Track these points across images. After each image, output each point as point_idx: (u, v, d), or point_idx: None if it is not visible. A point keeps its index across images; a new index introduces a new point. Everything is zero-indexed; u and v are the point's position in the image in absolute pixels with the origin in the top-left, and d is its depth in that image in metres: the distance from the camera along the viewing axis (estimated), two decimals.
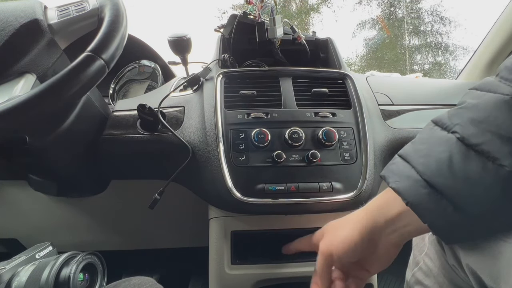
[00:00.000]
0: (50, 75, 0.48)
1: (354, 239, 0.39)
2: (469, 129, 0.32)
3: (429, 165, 0.33)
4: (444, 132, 0.34)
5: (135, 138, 0.62)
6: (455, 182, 0.31)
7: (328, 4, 9.21)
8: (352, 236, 0.39)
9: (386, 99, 0.73)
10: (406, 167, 0.35)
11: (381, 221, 0.37)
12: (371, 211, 0.39)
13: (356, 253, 0.39)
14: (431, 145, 0.34)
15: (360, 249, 0.39)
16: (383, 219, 0.37)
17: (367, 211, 0.39)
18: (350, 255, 0.40)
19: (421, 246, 0.49)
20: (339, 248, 0.40)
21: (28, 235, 0.86)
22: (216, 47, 0.77)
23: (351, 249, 0.39)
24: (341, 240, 0.40)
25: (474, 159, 0.31)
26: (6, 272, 0.38)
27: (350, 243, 0.39)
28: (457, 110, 0.35)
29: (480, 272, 0.36)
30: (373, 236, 0.38)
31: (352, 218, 0.41)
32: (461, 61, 8.16)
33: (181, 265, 1.03)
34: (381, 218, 0.37)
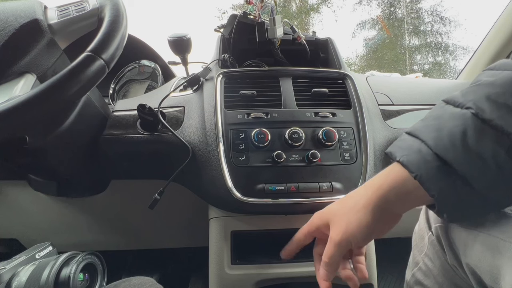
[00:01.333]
0: (50, 75, 0.48)
1: (370, 222, 0.37)
2: (484, 104, 0.32)
3: (441, 139, 0.33)
4: (457, 109, 0.34)
5: (135, 138, 0.62)
6: (467, 156, 0.31)
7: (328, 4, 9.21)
8: (367, 219, 0.37)
9: (386, 99, 0.73)
10: (416, 142, 0.35)
11: (393, 199, 0.36)
12: (382, 189, 0.37)
13: (373, 235, 0.39)
14: (444, 120, 0.34)
15: (376, 230, 0.38)
16: (395, 196, 0.36)
17: (377, 190, 0.37)
18: (368, 238, 0.39)
19: (420, 246, 0.49)
20: (357, 235, 0.38)
21: (28, 235, 0.86)
22: (216, 47, 0.77)
23: (369, 233, 0.38)
24: (357, 226, 0.38)
25: (489, 134, 0.31)
26: (6, 272, 0.38)
27: (367, 227, 0.37)
28: (471, 88, 0.35)
29: (480, 271, 0.36)
30: (385, 213, 0.37)
31: (359, 200, 0.38)
32: (461, 61, 8.17)
33: (181, 265, 1.03)
34: (393, 196, 0.36)
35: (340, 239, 0.38)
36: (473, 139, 0.31)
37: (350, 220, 0.38)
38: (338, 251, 0.39)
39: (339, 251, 0.39)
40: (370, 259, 0.61)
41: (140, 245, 0.95)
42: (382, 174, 0.38)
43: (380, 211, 0.37)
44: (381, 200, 0.37)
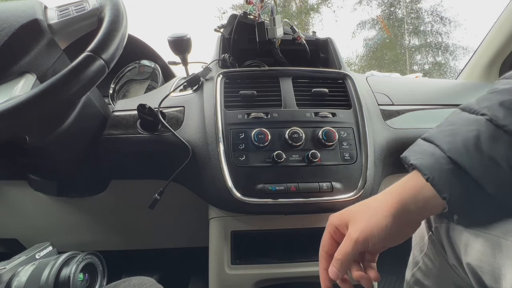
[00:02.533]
0: (50, 75, 0.48)
1: (389, 225, 0.37)
2: (498, 111, 0.33)
3: (455, 143, 0.34)
4: (472, 115, 0.35)
5: (135, 138, 0.62)
6: (480, 160, 0.32)
7: (328, 4, 9.22)
8: (387, 222, 0.37)
9: (386, 99, 0.73)
10: (430, 146, 0.36)
11: (412, 207, 0.37)
12: (402, 198, 0.37)
13: (391, 239, 0.39)
14: (459, 125, 0.35)
15: (395, 234, 0.38)
16: (414, 205, 0.37)
17: (396, 197, 0.38)
18: (386, 241, 0.39)
19: (420, 246, 0.49)
20: (376, 235, 0.38)
21: (28, 235, 0.86)
22: (216, 47, 0.77)
23: (388, 236, 0.38)
24: (376, 226, 0.38)
25: (502, 138, 0.31)
26: (6, 272, 0.38)
27: (386, 229, 0.37)
28: (487, 95, 0.36)
29: (480, 271, 0.36)
30: (404, 220, 0.38)
31: (379, 205, 0.39)
32: (461, 61, 8.17)
33: (181, 265, 1.03)
34: (412, 205, 0.37)
35: (358, 236, 0.38)
36: (487, 143, 0.32)
37: (370, 220, 0.38)
38: (354, 248, 0.38)
39: (355, 249, 0.38)
40: None
41: (140, 245, 0.95)
42: (401, 183, 0.39)
43: (399, 217, 0.37)
44: (400, 209, 0.37)
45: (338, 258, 0.40)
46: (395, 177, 0.71)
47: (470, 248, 0.37)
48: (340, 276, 0.40)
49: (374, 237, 0.38)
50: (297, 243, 0.62)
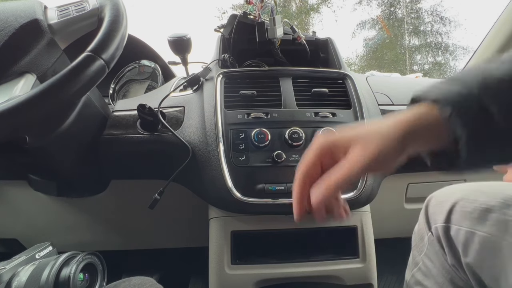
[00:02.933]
0: (50, 75, 0.48)
1: (394, 152, 0.35)
2: None
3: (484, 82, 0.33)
4: None
5: (135, 138, 0.62)
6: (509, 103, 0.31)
7: (328, 4, 9.21)
8: (394, 149, 0.35)
9: (386, 99, 0.73)
10: (455, 84, 0.35)
11: (418, 139, 0.36)
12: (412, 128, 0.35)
13: (386, 165, 0.36)
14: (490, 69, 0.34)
15: (392, 161, 0.36)
16: (421, 138, 0.36)
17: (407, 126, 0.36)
18: (382, 167, 0.37)
19: (420, 247, 0.50)
20: (380, 160, 0.35)
21: (28, 235, 0.85)
22: (216, 47, 0.77)
23: (387, 161, 0.36)
24: (383, 151, 0.35)
25: None
26: (6, 272, 0.38)
27: (389, 156, 0.36)
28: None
29: (480, 271, 0.36)
30: (405, 148, 0.36)
31: (388, 131, 0.36)
32: (461, 61, 8.16)
33: (181, 265, 1.03)
34: (419, 137, 0.36)
35: (365, 160, 0.35)
36: None
37: (379, 144, 0.36)
38: (358, 173, 0.35)
39: (359, 173, 0.35)
40: (370, 259, 0.61)
41: (140, 245, 0.95)
42: (412, 113, 0.36)
43: (403, 146, 0.35)
44: (408, 138, 0.35)
45: (334, 182, 0.35)
46: (395, 177, 0.71)
47: (470, 249, 0.37)
48: (322, 203, 0.36)
49: (379, 162, 0.35)
50: (297, 243, 0.62)
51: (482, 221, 0.37)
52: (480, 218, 0.38)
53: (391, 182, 0.70)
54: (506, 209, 0.36)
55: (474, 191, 0.42)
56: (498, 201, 0.37)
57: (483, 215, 0.38)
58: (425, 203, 0.50)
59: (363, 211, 0.62)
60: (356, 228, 0.61)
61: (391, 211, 0.79)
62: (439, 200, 0.47)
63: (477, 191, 0.42)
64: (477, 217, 0.38)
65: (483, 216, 0.38)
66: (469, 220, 0.39)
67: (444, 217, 0.43)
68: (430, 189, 0.51)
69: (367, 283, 0.61)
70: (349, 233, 0.61)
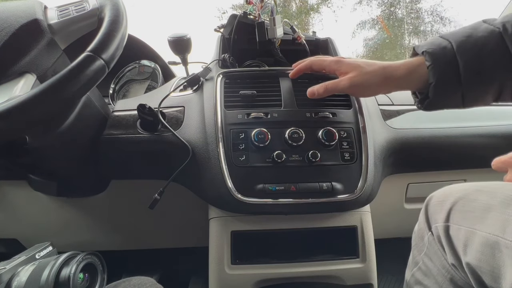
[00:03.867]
0: (50, 75, 0.48)
1: (377, 82, 0.50)
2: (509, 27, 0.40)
3: (464, 44, 0.42)
4: (490, 26, 0.42)
5: (135, 138, 0.62)
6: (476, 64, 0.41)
7: (328, 4, 9.19)
8: (378, 80, 0.50)
9: (386, 99, 0.73)
10: (444, 42, 0.44)
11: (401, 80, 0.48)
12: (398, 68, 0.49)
13: (370, 90, 0.52)
14: (475, 32, 0.43)
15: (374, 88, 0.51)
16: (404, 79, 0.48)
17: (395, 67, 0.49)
18: (364, 92, 0.53)
19: (420, 246, 0.49)
20: (365, 85, 0.51)
21: (28, 235, 0.85)
22: (216, 47, 0.77)
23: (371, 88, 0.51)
24: (368, 80, 0.50)
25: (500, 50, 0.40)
26: (6, 272, 0.38)
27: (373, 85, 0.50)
28: (510, 14, 0.43)
29: (480, 271, 0.36)
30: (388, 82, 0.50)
31: (378, 66, 0.51)
32: None
33: (181, 265, 1.03)
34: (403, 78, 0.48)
35: (354, 81, 0.51)
36: (488, 52, 0.40)
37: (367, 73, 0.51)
38: (346, 88, 0.51)
39: (347, 89, 0.51)
40: (370, 259, 0.61)
41: (140, 245, 0.95)
42: (403, 61, 0.49)
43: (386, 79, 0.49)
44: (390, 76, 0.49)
45: (327, 85, 0.53)
46: (395, 177, 0.71)
47: (470, 248, 0.37)
48: (316, 96, 0.55)
49: (364, 86, 0.51)
50: (297, 243, 0.62)
51: (482, 220, 0.37)
52: (480, 217, 0.38)
53: (391, 182, 0.70)
54: (506, 208, 0.36)
55: (474, 191, 0.42)
56: (498, 200, 0.37)
57: (483, 214, 0.38)
58: (425, 202, 0.50)
59: (363, 211, 0.62)
60: (356, 228, 0.61)
61: (391, 211, 0.79)
62: (439, 199, 0.47)
63: (477, 190, 0.42)
64: (477, 216, 0.38)
65: (483, 215, 0.38)
66: (469, 220, 0.39)
67: (444, 216, 0.43)
68: (430, 189, 0.51)
69: (367, 283, 0.61)
70: (349, 233, 0.61)
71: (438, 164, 0.73)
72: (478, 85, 0.43)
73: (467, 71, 0.41)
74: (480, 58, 0.41)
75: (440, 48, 0.43)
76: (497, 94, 0.43)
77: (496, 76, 0.41)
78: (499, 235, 0.34)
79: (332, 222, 0.61)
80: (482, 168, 0.69)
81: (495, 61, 0.41)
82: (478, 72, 0.41)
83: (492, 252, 0.34)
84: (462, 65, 0.41)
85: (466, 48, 0.41)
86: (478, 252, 0.36)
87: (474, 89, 0.43)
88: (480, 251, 0.36)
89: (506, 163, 0.43)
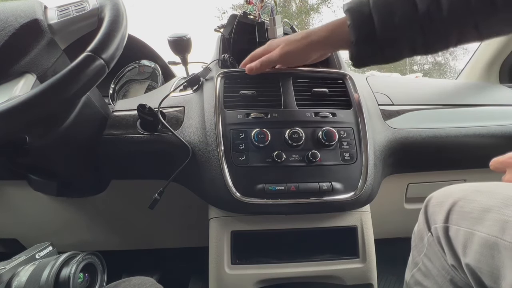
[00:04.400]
0: (50, 75, 0.48)
1: (303, 47, 0.54)
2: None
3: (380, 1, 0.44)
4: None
5: (135, 138, 0.62)
6: (389, 20, 0.44)
7: (328, 4, 9.20)
8: (303, 45, 0.54)
9: (386, 99, 0.73)
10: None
11: (327, 40, 0.52)
12: (319, 30, 0.53)
13: (300, 57, 0.56)
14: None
15: (303, 54, 0.56)
16: (329, 40, 0.52)
17: (320, 30, 0.53)
18: (297, 58, 0.57)
19: (420, 247, 0.49)
20: (292, 58, 0.57)
21: (28, 235, 0.86)
22: (216, 47, 0.77)
23: (301, 59, 0.56)
24: (296, 48, 0.55)
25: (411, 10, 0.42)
26: (6, 272, 0.38)
27: (304, 56, 0.56)
28: None
29: (479, 272, 0.36)
30: (314, 45, 0.54)
31: (302, 34, 0.55)
32: (461, 61, 8.15)
33: (181, 265, 1.03)
34: (329, 38, 0.52)
35: (282, 51, 0.56)
36: (399, 8, 0.43)
37: (294, 43, 0.56)
38: (277, 58, 0.57)
39: (278, 59, 0.58)
40: (370, 259, 0.61)
41: (140, 245, 0.95)
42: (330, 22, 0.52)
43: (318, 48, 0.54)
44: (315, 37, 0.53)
45: (263, 60, 0.58)
46: (395, 177, 0.71)
47: (469, 249, 0.37)
48: (254, 72, 0.60)
49: (293, 53, 0.55)
50: (297, 243, 0.62)
51: (481, 221, 0.37)
52: (479, 218, 0.38)
53: (391, 182, 0.70)
54: (505, 209, 0.36)
55: (473, 191, 0.42)
56: (497, 201, 0.37)
57: (482, 215, 0.38)
58: (425, 203, 0.50)
59: (363, 211, 0.62)
60: (356, 228, 0.61)
61: (391, 211, 0.79)
62: (438, 200, 0.47)
63: (476, 191, 0.42)
64: (476, 217, 0.38)
65: (482, 216, 0.38)
66: (468, 220, 0.39)
67: (443, 217, 0.43)
68: (430, 189, 0.51)
69: (367, 283, 0.61)
70: (349, 233, 0.61)
71: (438, 164, 0.73)
72: (393, 41, 0.45)
73: (381, 28, 0.43)
74: (392, 14, 0.43)
75: (359, 5, 0.45)
76: (412, 49, 0.45)
77: (406, 32, 0.43)
78: (498, 236, 0.34)
79: (332, 222, 0.61)
80: (482, 168, 0.69)
81: (405, 17, 0.42)
82: (392, 28, 0.43)
83: (491, 253, 0.34)
84: (377, 21, 0.43)
85: (379, 4, 0.43)
86: (477, 253, 0.36)
87: (390, 45, 0.45)
88: (480, 252, 0.36)
89: (504, 163, 0.43)
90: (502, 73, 0.96)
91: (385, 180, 0.67)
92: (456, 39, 0.43)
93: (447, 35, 0.43)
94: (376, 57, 0.48)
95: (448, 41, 0.44)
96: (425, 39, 0.43)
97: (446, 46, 0.45)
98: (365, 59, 0.49)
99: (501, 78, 0.97)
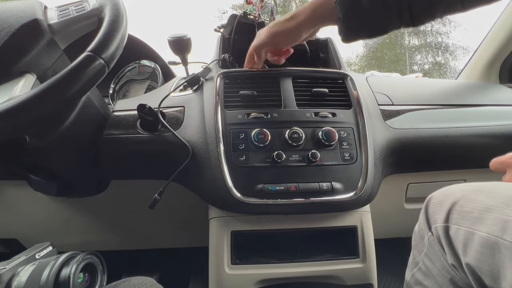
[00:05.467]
0: (50, 75, 0.48)
1: (298, 34, 0.55)
2: None
3: None
4: None
5: (135, 138, 0.62)
6: None
7: None
8: (298, 30, 0.55)
9: (386, 99, 0.73)
10: None
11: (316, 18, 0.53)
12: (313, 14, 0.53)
13: (290, 36, 0.56)
14: None
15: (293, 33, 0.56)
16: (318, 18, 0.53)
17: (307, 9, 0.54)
18: (286, 39, 0.57)
19: (420, 246, 0.49)
20: (281, 39, 0.57)
21: (28, 235, 0.86)
22: (216, 47, 0.77)
23: (291, 39, 0.57)
24: (285, 32, 0.56)
25: None
26: (6, 272, 0.38)
27: (295, 36, 0.56)
28: None
29: (480, 271, 0.36)
30: (302, 23, 0.54)
31: (288, 18, 0.55)
32: (461, 61, 8.16)
33: (181, 265, 1.04)
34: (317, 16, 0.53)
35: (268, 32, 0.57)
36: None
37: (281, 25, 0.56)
38: (265, 41, 0.58)
39: (266, 42, 0.58)
40: (370, 259, 0.61)
41: (140, 245, 0.95)
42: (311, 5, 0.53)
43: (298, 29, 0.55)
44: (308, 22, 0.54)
45: (252, 45, 0.60)
46: (395, 177, 0.71)
47: (469, 249, 0.37)
48: (249, 63, 0.63)
49: (282, 33, 0.56)
50: (297, 243, 0.62)
51: (482, 221, 0.37)
52: (479, 218, 0.38)
53: (391, 182, 0.70)
54: (505, 208, 0.36)
55: (474, 191, 0.42)
56: (497, 200, 0.37)
57: (482, 215, 0.38)
58: (425, 203, 0.50)
59: (363, 211, 0.62)
60: (356, 228, 0.61)
61: (391, 211, 0.79)
62: (438, 200, 0.47)
63: (477, 191, 0.42)
64: (477, 217, 0.38)
65: (483, 216, 0.38)
66: (468, 220, 0.39)
67: (443, 217, 0.43)
68: (430, 189, 0.51)
69: (367, 283, 0.61)
70: (349, 233, 0.61)
71: (438, 164, 0.73)
72: (380, 13, 0.47)
73: (369, 2, 0.46)
74: None
75: None
76: (399, 20, 0.47)
77: (393, 3, 0.45)
78: (498, 236, 0.34)
79: (332, 222, 0.61)
80: (482, 168, 0.69)
81: None
82: (382, 2, 0.45)
83: (491, 253, 0.34)
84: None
85: None
86: (477, 252, 0.36)
87: (377, 17, 0.47)
88: (480, 251, 0.36)
89: (504, 163, 0.43)
90: (502, 73, 0.96)
91: (385, 180, 0.67)
92: (441, 10, 0.45)
93: (433, 5, 0.45)
94: (364, 30, 0.50)
95: (434, 12, 0.46)
96: (411, 9, 0.45)
97: (432, 17, 0.47)
98: (353, 33, 0.51)
99: (501, 78, 0.97)
